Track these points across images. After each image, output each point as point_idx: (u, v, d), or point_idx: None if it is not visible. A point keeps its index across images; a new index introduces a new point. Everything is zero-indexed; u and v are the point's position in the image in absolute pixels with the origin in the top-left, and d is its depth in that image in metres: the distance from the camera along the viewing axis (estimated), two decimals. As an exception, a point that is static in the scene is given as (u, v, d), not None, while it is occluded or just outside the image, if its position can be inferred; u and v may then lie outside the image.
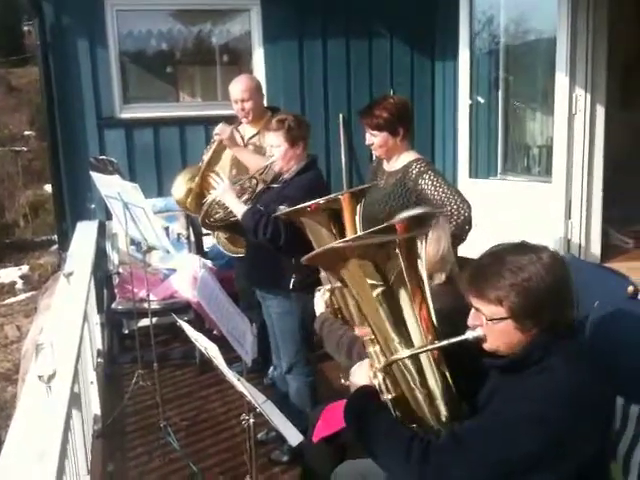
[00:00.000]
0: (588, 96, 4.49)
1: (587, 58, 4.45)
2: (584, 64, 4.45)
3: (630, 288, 2.05)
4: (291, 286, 2.97)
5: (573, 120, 4.50)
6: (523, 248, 1.60)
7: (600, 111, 4.57)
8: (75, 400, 2.52)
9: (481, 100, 5.28)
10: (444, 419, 1.68)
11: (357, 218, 2.21)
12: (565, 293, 1.57)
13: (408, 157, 2.98)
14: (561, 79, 4.43)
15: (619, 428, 1.79)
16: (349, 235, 2.15)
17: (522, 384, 1.56)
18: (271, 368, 3.70)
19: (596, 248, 4.73)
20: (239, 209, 2.96)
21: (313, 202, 2.21)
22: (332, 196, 2.28)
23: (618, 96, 5.78)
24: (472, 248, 2.87)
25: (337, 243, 1.61)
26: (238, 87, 3.67)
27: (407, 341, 1.64)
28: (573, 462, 1.49)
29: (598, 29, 4.47)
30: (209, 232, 4.15)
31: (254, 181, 3.18)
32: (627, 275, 2.19)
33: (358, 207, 2.23)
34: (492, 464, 1.50)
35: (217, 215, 3.20)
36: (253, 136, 3.72)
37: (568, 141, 4.50)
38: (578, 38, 4.40)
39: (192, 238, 4.87)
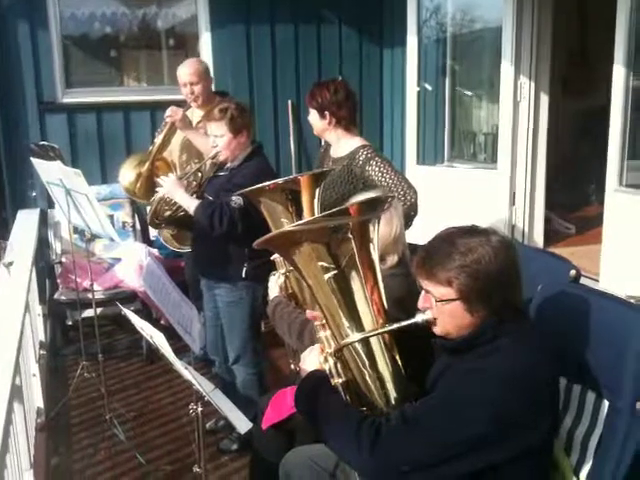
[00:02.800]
0: (532, 84, 4.58)
1: (532, 47, 4.54)
2: (529, 53, 4.54)
3: (572, 272, 2.09)
4: (244, 274, 2.94)
5: (518, 108, 4.59)
6: (473, 231, 1.62)
7: (544, 99, 4.67)
8: (17, 393, 2.45)
9: (429, 87, 5.33)
10: (394, 402, 1.69)
11: (316, 201, 2.22)
12: (513, 275, 1.60)
13: (354, 143, 2.98)
14: (506, 67, 4.51)
15: (562, 408, 1.82)
16: (307, 217, 2.15)
17: (471, 365, 1.58)
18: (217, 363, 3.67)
19: (539, 233, 4.85)
20: (190, 204, 2.89)
21: (272, 182, 2.21)
22: (292, 176, 2.28)
23: (561, 84, 5.92)
24: (419, 234, 2.91)
25: (290, 227, 1.61)
26: (186, 70, 3.62)
27: (358, 325, 1.65)
28: (521, 442, 1.52)
29: (543, 19, 4.56)
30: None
31: (199, 174, 3.12)
32: (569, 260, 2.23)
33: (317, 190, 2.23)
34: (441, 444, 1.51)
35: (166, 213, 3.13)
36: (202, 120, 3.66)
37: (513, 128, 4.59)
38: (523, 27, 4.49)
39: (138, 226, 4.78)
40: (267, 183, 2.21)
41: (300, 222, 1.65)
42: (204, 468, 2.34)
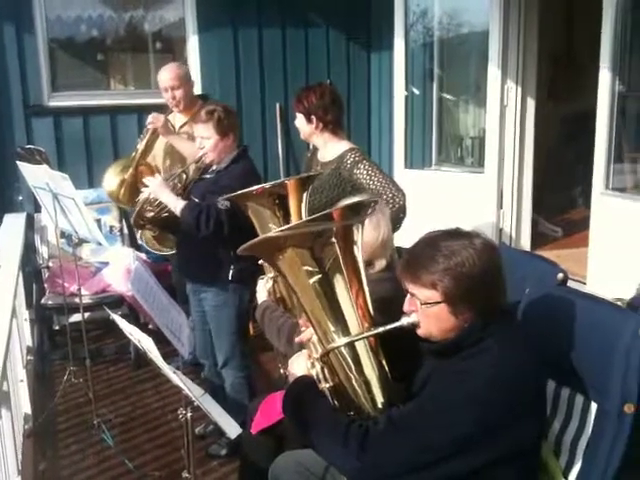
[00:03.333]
0: (519, 88, 4.60)
1: (518, 51, 4.57)
2: (515, 57, 4.57)
3: (560, 275, 2.11)
4: (230, 277, 2.93)
5: (505, 111, 4.61)
6: (456, 234, 1.63)
7: (530, 103, 4.70)
8: (4, 399, 2.43)
9: (416, 91, 5.34)
10: (381, 406, 1.69)
11: (303, 205, 2.21)
12: (497, 277, 1.61)
13: (341, 147, 2.98)
14: (493, 71, 4.53)
15: (551, 411, 1.83)
16: (294, 222, 2.15)
17: (457, 367, 1.59)
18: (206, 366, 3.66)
19: (526, 236, 4.87)
20: (176, 205, 2.87)
21: (259, 186, 2.20)
22: (278, 181, 2.28)
23: (547, 88, 5.95)
24: (408, 237, 2.92)
25: (272, 233, 1.61)
26: (167, 75, 3.62)
27: (344, 329, 1.65)
28: (508, 443, 1.53)
29: (529, 23, 4.59)
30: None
31: (184, 176, 3.11)
32: (556, 262, 2.25)
33: (305, 195, 2.23)
34: (429, 447, 1.52)
35: (149, 214, 3.11)
36: (184, 124, 3.66)
37: (500, 132, 4.61)
38: (510, 31, 4.51)
39: (125, 230, 4.76)
40: (254, 188, 2.21)
41: (283, 228, 1.65)
42: (193, 473, 2.33)
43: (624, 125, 3.98)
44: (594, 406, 1.70)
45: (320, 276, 1.60)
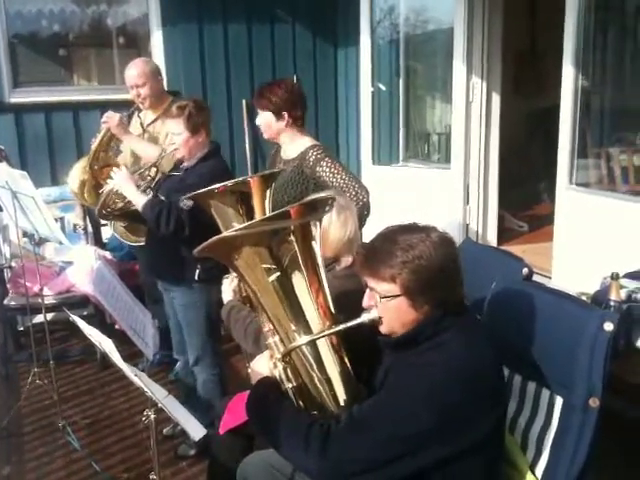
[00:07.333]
0: (484, 84, 4.63)
1: (483, 47, 4.60)
2: (480, 53, 4.59)
3: (525, 270, 2.14)
4: (197, 277, 2.90)
5: (470, 108, 4.63)
6: (413, 228, 1.65)
7: (495, 98, 4.74)
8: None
9: (383, 88, 5.35)
10: (344, 404, 1.69)
11: (267, 203, 2.19)
12: (454, 270, 1.63)
13: (304, 143, 2.95)
14: (458, 68, 4.55)
15: (517, 406, 1.85)
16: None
17: (416, 361, 1.60)
18: (178, 363, 3.62)
19: (493, 232, 4.91)
20: (139, 200, 2.82)
21: (221, 185, 2.17)
22: (241, 179, 2.25)
23: (512, 84, 6.01)
24: (375, 234, 2.92)
25: (228, 233, 1.58)
26: (132, 72, 3.54)
27: (305, 328, 1.65)
28: (469, 435, 1.54)
29: (493, 20, 4.62)
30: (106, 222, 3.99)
31: (154, 169, 3.06)
32: (522, 257, 2.27)
33: (268, 192, 2.21)
34: (390, 442, 1.52)
35: (115, 205, 3.05)
36: (152, 122, 3.60)
37: (466, 128, 4.63)
38: (474, 28, 4.53)
39: (90, 228, 4.68)
40: (215, 186, 2.18)
41: (237, 227, 1.63)
42: (160, 475, 2.29)
43: (588, 120, 4.03)
44: (559, 400, 1.71)
45: (279, 274, 1.59)
